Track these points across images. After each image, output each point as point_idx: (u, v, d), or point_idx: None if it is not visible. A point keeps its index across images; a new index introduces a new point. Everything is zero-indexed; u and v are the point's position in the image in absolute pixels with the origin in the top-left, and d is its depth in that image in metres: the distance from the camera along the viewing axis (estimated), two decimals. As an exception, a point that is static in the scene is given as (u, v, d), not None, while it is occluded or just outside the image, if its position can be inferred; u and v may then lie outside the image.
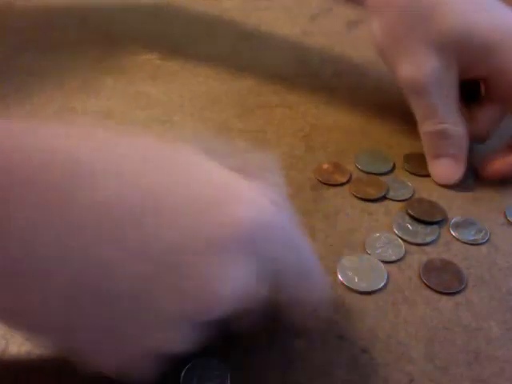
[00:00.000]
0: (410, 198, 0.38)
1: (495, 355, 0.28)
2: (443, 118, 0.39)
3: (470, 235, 0.35)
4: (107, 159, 0.22)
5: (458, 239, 0.35)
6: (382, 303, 0.31)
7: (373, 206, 0.37)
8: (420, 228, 0.35)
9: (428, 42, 0.38)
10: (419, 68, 0.38)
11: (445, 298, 0.31)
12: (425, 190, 0.38)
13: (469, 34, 0.37)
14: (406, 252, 0.34)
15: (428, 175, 0.40)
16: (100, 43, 0.54)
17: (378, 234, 0.35)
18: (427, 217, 0.36)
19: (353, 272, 0.32)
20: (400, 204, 0.37)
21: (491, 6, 0.39)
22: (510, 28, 0.38)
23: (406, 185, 0.39)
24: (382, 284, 0.32)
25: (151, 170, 0.23)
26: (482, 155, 0.40)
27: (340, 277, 0.32)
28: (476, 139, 0.41)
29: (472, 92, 0.42)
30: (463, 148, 0.39)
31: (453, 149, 0.39)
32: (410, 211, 0.36)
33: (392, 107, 0.47)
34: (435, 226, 0.35)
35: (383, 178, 0.39)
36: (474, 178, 0.40)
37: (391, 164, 0.40)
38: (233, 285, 0.22)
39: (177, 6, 0.60)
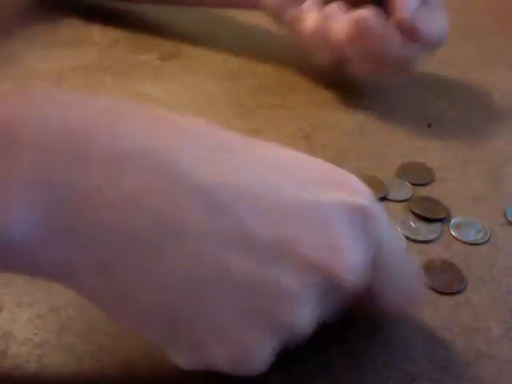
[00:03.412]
0: (410, 198, 0.38)
1: (495, 355, 0.28)
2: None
3: (470, 235, 0.35)
4: (194, 149, 0.22)
5: (458, 239, 0.35)
6: (382, 303, 0.31)
7: (373, 206, 0.37)
8: (423, 225, 0.35)
9: None
10: None
11: (445, 297, 0.31)
12: (425, 190, 0.38)
13: None
14: (406, 251, 0.34)
15: (426, 184, 0.39)
16: (100, 43, 0.54)
17: (378, 234, 0.35)
18: (431, 214, 0.36)
19: (353, 272, 0.32)
20: (400, 204, 0.37)
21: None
22: None
23: (405, 185, 0.39)
24: (382, 284, 0.32)
25: (241, 164, 0.23)
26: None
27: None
28: None
29: None
30: None
31: None
32: (413, 209, 0.36)
33: (392, 107, 0.47)
34: (438, 224, 0.35)
35: (383, 179, 0.39)
36: (475, 177, 0.40)
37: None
38: (358, 255, 0.23)
39: (177, 6, 0.60)
